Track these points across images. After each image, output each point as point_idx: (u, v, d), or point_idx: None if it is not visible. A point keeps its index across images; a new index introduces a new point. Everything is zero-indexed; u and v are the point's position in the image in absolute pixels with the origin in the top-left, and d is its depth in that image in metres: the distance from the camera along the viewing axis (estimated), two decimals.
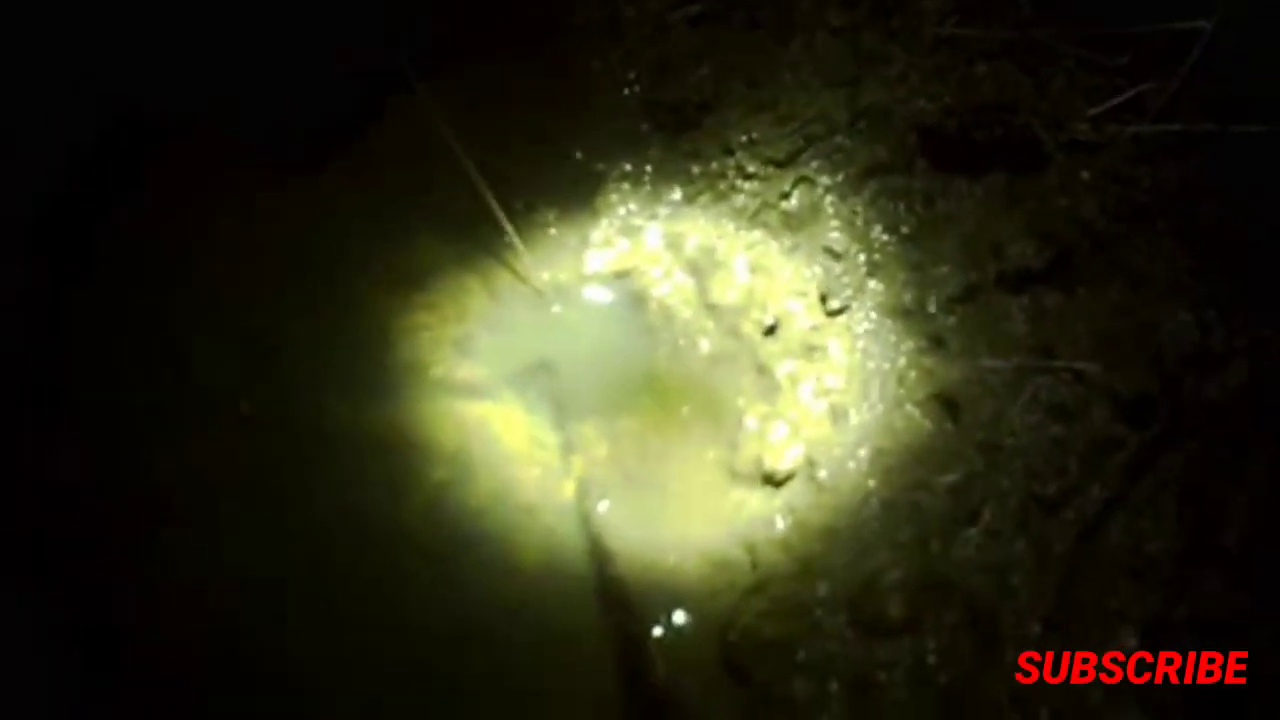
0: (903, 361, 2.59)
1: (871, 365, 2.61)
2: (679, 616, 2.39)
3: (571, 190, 3.06)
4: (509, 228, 2.85)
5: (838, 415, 2.56)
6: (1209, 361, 2.37)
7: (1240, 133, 2.56)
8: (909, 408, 2.51)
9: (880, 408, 2.54)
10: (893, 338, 2.63)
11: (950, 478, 2.37)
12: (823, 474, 2.47)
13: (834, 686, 2.20)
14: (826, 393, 2.59)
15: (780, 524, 2.46)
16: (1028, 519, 2.31)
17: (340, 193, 3.04)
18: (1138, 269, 2.50)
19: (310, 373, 2.79)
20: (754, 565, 2.42)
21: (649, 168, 3.04)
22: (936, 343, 2.59)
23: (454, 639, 2.42)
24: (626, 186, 3.03)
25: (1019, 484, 2.34)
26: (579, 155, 3.12)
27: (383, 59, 2.90)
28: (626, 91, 3.28)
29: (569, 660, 2.36)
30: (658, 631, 2.37)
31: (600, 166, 3.09)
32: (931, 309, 2.63)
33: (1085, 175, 2.62)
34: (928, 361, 2.57)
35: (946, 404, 2.49)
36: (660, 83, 3.23)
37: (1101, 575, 2.27)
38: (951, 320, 2.60)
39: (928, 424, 2.48)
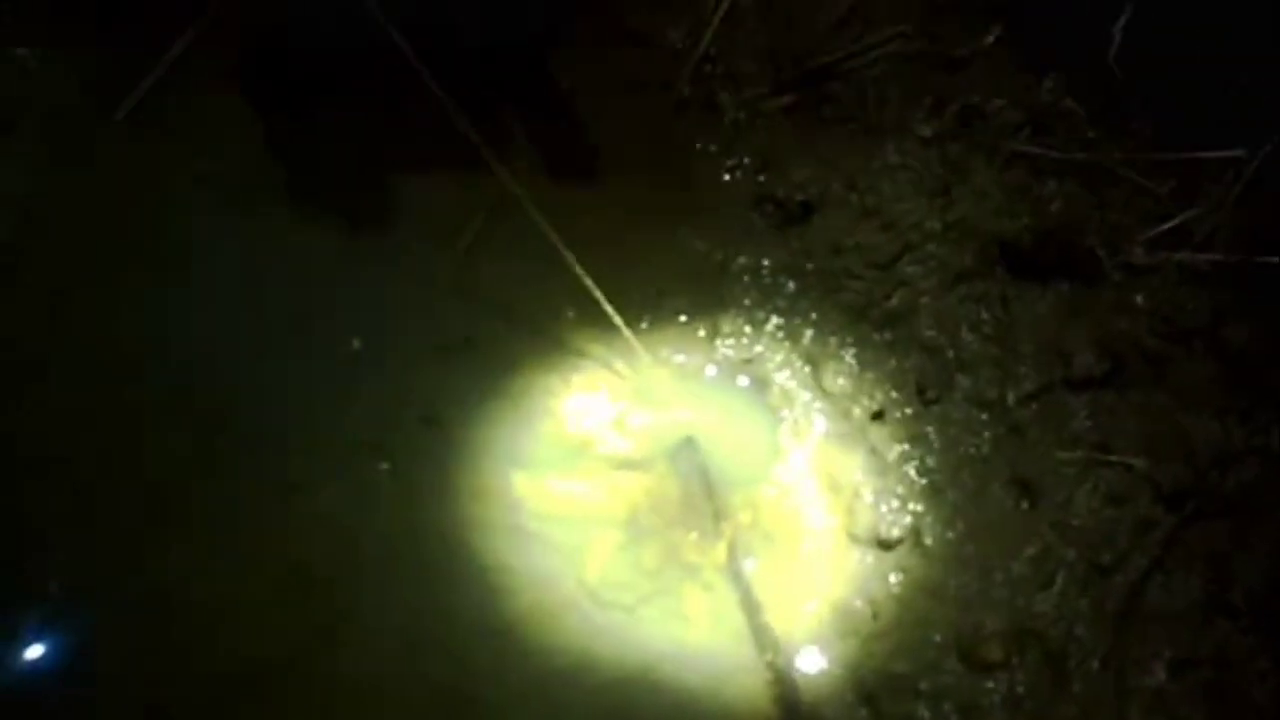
0: (988, 448, 3.54)
1: (962, 450, 3.55)
2: (818, 657, 3.35)
3: (696, 280, 3.88)
4: (625, 330, 3.65)
5: (937, 491, 3.50)
6: (1229, 460, 3.38)
7: (1265, 263, 3.53)
8: (995, 488, 3.47)
9: (971, 486, 3.49)
10: (979, 427, 3.57)
11: (1031, 550, 3.35)
12: (928, 541, 3.43)
13: (947, 708, 3.21)
14: (927, 472, 3.53)
15: (894, 581, 3.42)
16: (1089, 583, 3.32)
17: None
18: (1177, 381, 3.47)
19: (485, 444, 3.62)
20: (875, 615, 3.38)
21: (766, 261, 3.88)
22: (1015, 432, 3.54)
23: (630, 681, 3.31)
24: (747, 279, 3.86)
25: (1083, 555, 3.33)
26: (699, 245, 3.94)
27: None
28: (728, 178, 4.10)
29: (734, 696, 3.30)
30: (802, 669, 3.33)
31: (720, 257, 3.91)
32: (1010, 403, 3.57)
33: (1139, 299, 3.57)
34: (1009, 449, 3.52)
35: (1025, 487, 3.46)
36: (764, 175, 4.05)
37: (1143, 625, 3.30)
38: (1027, 414, 3.55)
39: (1009, 503, 3.45)
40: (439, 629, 3.36)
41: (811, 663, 3.33)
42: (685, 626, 3.38)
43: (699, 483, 3.55)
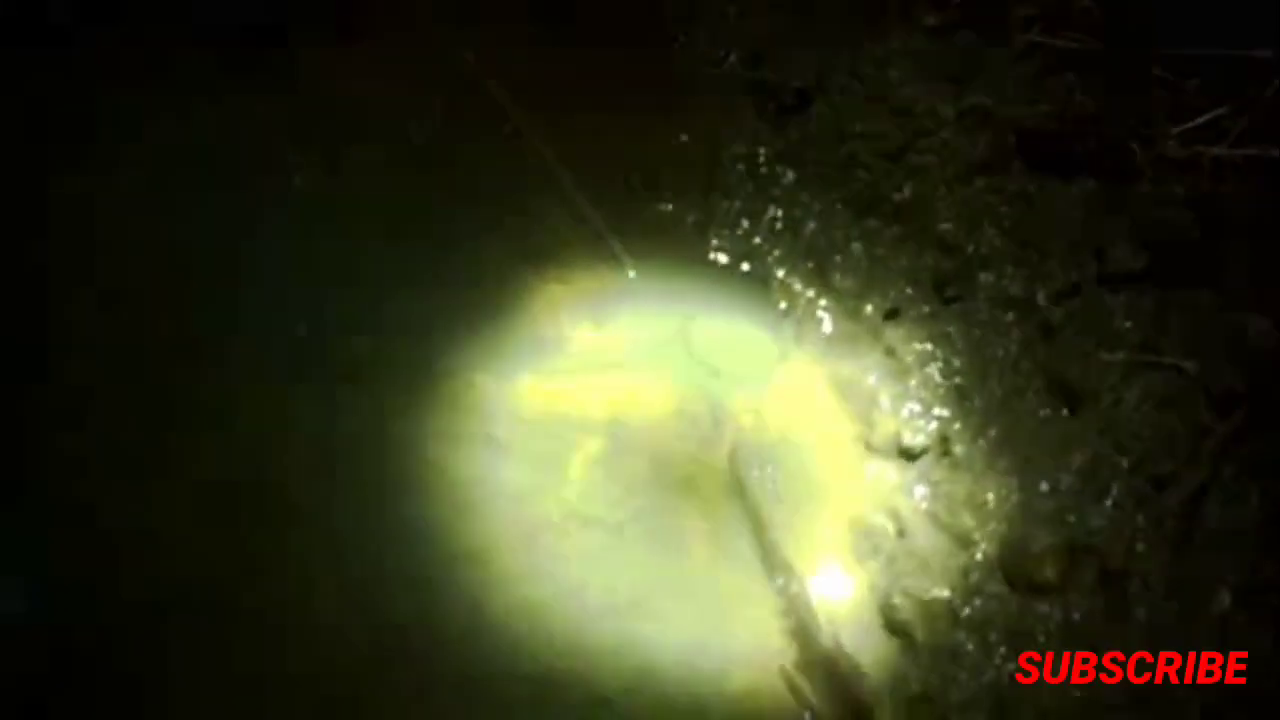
0: (1018, 349, 3.12)
1: (989, 351, 3.12)
2: (836, 579, 2.84)
3: (684, 171, 3.42)
4: (600, 221, 3.18)
5: (964, 396, 3.06)
6: None
7: None
8: (1030, 393, 3.05)
9: (1002, 391, 3.06)
10: (1006, 326, 3.15)
11: (1078, 458, 2.92)
12: (958, 450, 2.97)
13: (994, 638, 2.72)
14: (952, 374, 3.09)
15: (920, 495, 2.94)
16: (1144, 496, 2.90)
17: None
18: (1223, 278, 3.12)
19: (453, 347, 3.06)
20: (900, 533, 2.89)
21: (761, 151, 3.43)
22: (1048, 332, 3.13)
23: (618, 612, 2.75)
24: (741, 168, 3.41)
25: (1137, 465, 2.91)
26: (685, 136, 3.48)
27: None
28: (716, 70, 3.67)
29: (739, 629, 2.75)
30: (819, 595, 2.81)
31: (709, 147, 3.47)
32: (1040, 301, 3.17)
33: (1178, 190, 3.22)
34: (1042, 350, 3.11)
35: (1064, 391, 3.04)
36: (756, 66, 3.63)
37: (1203, 545, 2.89)
38: (1060, 312, 3.15)
39: (1048, 409, 3.02)
40: (403, 554, 2.79)
41: (830, 587, 2.81)
42: (681, 548, 2.84)
43: (692, 384, 3.02)
